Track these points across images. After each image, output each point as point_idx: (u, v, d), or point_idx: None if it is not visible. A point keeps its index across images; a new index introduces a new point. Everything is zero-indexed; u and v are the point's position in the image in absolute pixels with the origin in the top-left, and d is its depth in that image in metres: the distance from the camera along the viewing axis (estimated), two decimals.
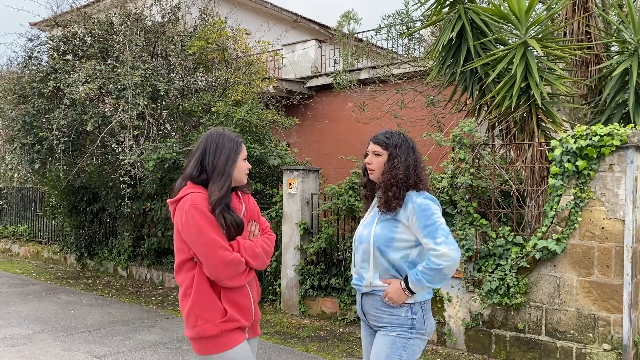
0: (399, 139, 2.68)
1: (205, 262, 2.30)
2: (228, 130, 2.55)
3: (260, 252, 2.47)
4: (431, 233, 2.49)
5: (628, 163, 4.60)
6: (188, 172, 2.44)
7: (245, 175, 2.52)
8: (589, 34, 6.13)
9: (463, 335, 5.51)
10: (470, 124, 5.59)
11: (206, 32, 8.09)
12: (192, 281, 2.36)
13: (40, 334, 5.93)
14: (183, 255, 2.38)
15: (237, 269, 2.34)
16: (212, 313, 2.34)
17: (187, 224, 2.30)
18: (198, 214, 2.29)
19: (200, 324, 2.34)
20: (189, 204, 2.31)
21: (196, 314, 2.34)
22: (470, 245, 5.37)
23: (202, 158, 2.44)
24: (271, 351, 5.49)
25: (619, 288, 4.61)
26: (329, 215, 7.00)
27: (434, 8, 5.99)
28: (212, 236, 2.29)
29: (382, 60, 9.70)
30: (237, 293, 2.41)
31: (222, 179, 2.39)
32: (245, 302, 2.44)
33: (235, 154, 2.45)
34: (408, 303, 2.57)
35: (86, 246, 10.42)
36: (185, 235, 2.33)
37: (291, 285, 7.10)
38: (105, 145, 8.28)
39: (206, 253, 2.29)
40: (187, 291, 2.38)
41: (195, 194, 2.35)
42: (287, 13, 16.43)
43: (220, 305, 2.35)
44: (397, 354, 2.54)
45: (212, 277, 2.33)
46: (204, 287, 2.34)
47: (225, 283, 2.34)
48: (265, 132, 8.06)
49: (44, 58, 8.16)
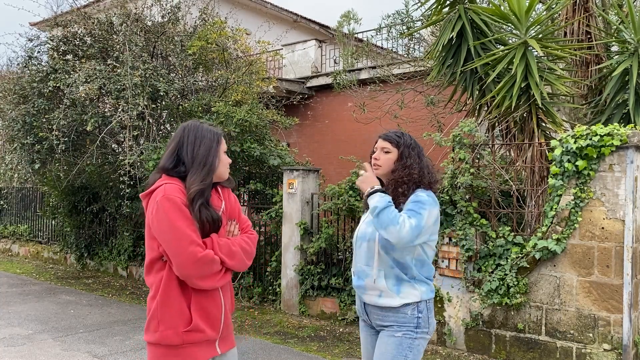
0: (410, 140, 2.71)
1: (174, 259, 2.09)
2: (206, 122, 2.39)
3: (238, 251, 2.25)
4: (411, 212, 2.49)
5: (628, 163, 4.60)
6: (161, 164, 2.27)
7: (227, 169, 2.35)
8: (589, 34, 6.13)
9: (463, 335, 5.51)
10: (470, 124, 5.59)
11: (206, 32, 8.08)
12: (160, 282, 2.16)
13: (40, 334, 5.93)
14: (153, 253, 2.18)
15: (209, 267, 2.13)
16: (175, 319, 2.14)
17: (158, 216, 2.11)
18: (170, 206, 2.10)
19: (162, 329, 2.14)
20: (160, 195, 2.12)
21: (158, 319, 2.15)
22: (470, 245, 5.37)
23: (179, 149, 2.26)
24: (271, 351, 5.49)
25: (619, 288, 4.61)
26: (329, 215, 7.00)
27: (434, 8, 5.99)
28: (184, 230, 2.08)
29: (382, 60, 9.70)
30: (209, 301, 2.20)
31: (203, 170, 2.22)
32: (216, 311, 2.22)
33: (217, 145, 2.30)
34: (414, 302, 2.56)
35: (86, 246, 10.43)
36: (155, 228, 2.12)
37: (291, 285, 7.10)
38: (105, 145, 8.28)
39: (176, 248, 2.08)
40: (155, 293, 2.17)
41: (169, 184, 2.17)
42: (287, 13, 16.43)
43: (187, 312, 2.15)
44: (403, 354, 2.53)
45: (181, 276, 2.12)
46: (172, 290, 2.15)
47: (196, 283, 2.13)
48: (265, 132, 8.06)
49: (44, 58, 8.16)
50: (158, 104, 7.64)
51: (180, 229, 2.09)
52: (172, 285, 2.15)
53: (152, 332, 2.17)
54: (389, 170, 2.67)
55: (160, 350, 2.17)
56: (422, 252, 2.60)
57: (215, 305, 2.22)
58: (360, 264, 2.67)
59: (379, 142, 2.73)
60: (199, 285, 2.14)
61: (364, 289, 2.65)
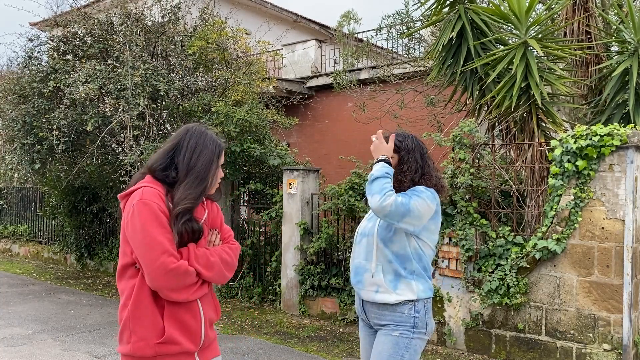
0: (412, 144, 2.73)
1: (145, 268, 1.95)
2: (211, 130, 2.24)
3: (217, 262, 2.09)
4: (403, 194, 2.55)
5: (628, 163, 4.60)
6: (150, 163, 2.12)
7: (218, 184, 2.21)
8: (589, 34, 6.13)
9: (463, 335, 5.51)
10: (470, 124, 5.59)
11: (206, 32, 8.09)
12: (132, 290, 2.02)
13: (40, 334, 5.93)
14: (125, 258, 2.04)
15: (182, 279, 1.98)
16: (148, 330, 2.00)
17: (132, 221, 1.97)
18: (146, 211, 1.96)
19: (134, 340, 2.01)
20: (137, 199, 1.98)
21: (130, 329, 2.02)
22: (470, 245, 5.37)
23: (175, 151, 2.11)
24: (271, 351, 5.49)
25: (619, 288, 4.61)
26: (329, 215, 7.00)
27: (434, 8, 5.99)
28: (157, 237, 1.94)
29: (382, 60, 9.70)
30: (185, 310, 2.05)
31: (198, 184, 2.07)
32: (194, 322, 2.07)
33: (217, 159, 2.16)
34: (411, 300, 2.57)
35: (86, 246, 10.43)
36: (129, 233, 1.99)
37: (291, 285, 7.10)
38: (105, 145, 8.28)
39: (147, 257, 1.94)
40: (126, 302, 2.04)
41: (148, 188, 2.02)
42: (287, 13, 16.42)
43: (160, 322, 2.01)
44: (400, 354, 2.53)
45: (152, 287, 1.98)
46: (145, 299, 2.01)
47: (168, 295, 1.99)
48: (265, 132, 8.06)
49: (44, 58, 8.15)
50: (158, 104, 7.64)
51: (153, 237, 1.95)
52: (144, 294, 2.01)
53: (124, 344, 2.06)
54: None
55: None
56: (418, 246, 2.61)
57: (192, 316, 2.07)
58: (359, 259, 2.70)
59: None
60: (171, 298, 2.00)
61: (362, 285, 2.65)
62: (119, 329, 2.09)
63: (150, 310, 2.01)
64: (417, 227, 2.56)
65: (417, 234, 2.59)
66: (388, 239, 2.59)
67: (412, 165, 2.67)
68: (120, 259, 2.09)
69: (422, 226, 2.59)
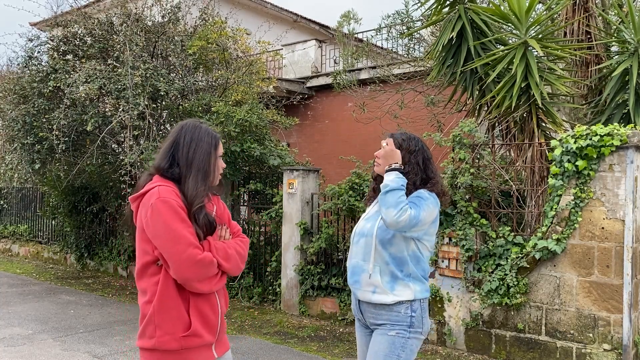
0: (415, 146, 2.70)
1: (173, 262, 2.03)
2: (206, 124, 2.32)
3: (234, 254, 2.21)
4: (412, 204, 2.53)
5: (628, 163, 4.60)
6: (156, 163, 2.21)
7: (220, 175, 2.30)
8: (589, 34, 6.13)
9: (463, 335, 5.51)
10: (470, 124, 5.59)
11: (206, 32, 8.09)
12: (156, 286, 2.09)
13: (40, 334, 5.93)
14: (146, 257, 2.11)
15: (208, 270, 2.08)
16: (174, 324, 2.07)
17: (153, 219, 2.04)
18: (166, 208, 2.04)
19: (159, 335, 2.07)
20: (155, 198, 2.06)
21: (156, 324, 2.08)
22: (470, 245, 5.37)
23: (174, 149, 2.20)
24: (271, 351, 5.49)
25: (619, 288, 4.61)
26: (329, 215, 7.00)
27: (434, 8, 5.99)
28: (182, 232, 2.03)
29: (382, 60, 9.70)
30: (206, 304, 2.15)
31: (200, 175, 2.16)
32: (213, 314, 2.17)
33: (215, 150, 2.24)
34: (408, 300, 2.56)
35: (86, 246, 10.42)
36: (151, 232, 2.05)
37: (291, 285, 7.10)
38: (106, 145, 8.28)
39: (174, 251, 2.02)
40: (150, 298, 2.11)
41: (164, 187, 2.10)
42: (287, 13, 16.42)
43: (186, 316, 2.09)
44: (396, 354, 2.53)
45: (180, 279, 2.05)
46: (170, 294, 2.08)
47: (195, 286, 2.07)
48: (265, 132, 8.06)
49: (44, 58, 8.16)
50: (158, 104, 7.64)
51: (178, 231, 2.03)
52: (170, 289, 2.08)
53: (147, 338, 2.11)
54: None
55: (156, 356, 2.11)
56: (417, 249, 2.61)
57: (212, 308, 2.17)
58: (357, 259, 2.68)
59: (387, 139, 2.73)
60: (197, 289, 2.08)
61: (359, 285, 2.65)
62: (142, 325, 2.14)
63: (176, 305, 2.08)
64: (420, 233, 2.58)
65: (419, 237, 2.60)
66: (387, 241, 2.58)
67: (414, 167, 2.65)
68: (139, 258, 2.15)
69: (424, 231, 2.60)
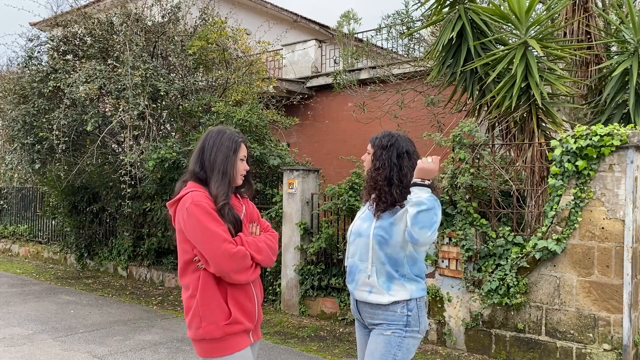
0: (388, 141, 2.66)
1: (210, 257, 2.26)
2: (230, 130, 2.54)
3: (264, 247, 2.44)
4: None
5: (628, 163, 4.60)
6: (190, 168, 2.46)
7: (240, 176, 2.50)
8: (589, 34, 6.13)
9: (463, 335, 5.51)
10: (470, 124, 5.59)
11: (206, 32, 8.09)
12: (197, 281, 2.33)
13: (40, 334, 5.93)
14: (186, 255, 2.36)
15: (243, 262, 2.31)
16: (216, 315, 2.31)
17: (190, 221, 2.28)
18: (199, 210, 2.27)
19: (204, 325, 2.31)
20: (189, 202, 2.30)
21: (200, 315, 2.32)
22: (470, 245, 5.37)
23: (202, 154, 2.45)
24: (271, 351, 5.49)
25: (619, 288, 4.61)
26: (329, 215, 7.00)
27: (434, 8, 5.99)
28: (216, 230, 2.26)
29: (382, 60, 9.69)
30: (243, 294, 2.38)
31: (221, 177, 2.39)
32: (250, 303, 2.41)
33: (234, 154, 2.45)
34: (404, 299, 2.57)
35: (86, 246, 10.42)
36: (189, 232, 2.30)
37: (291, 285, 7.10)
38: (106, 145, 8.29)
39: (210, 247, 2.25)
40: (193, 292, 2.35)
41: (195, 192, 2.34)
42: (287, 13, 16.42)
43: (226, 306, 2.33)
44: (392, 353, 2.53)
45: (218, 273, 2.29)
46: (210, 287, 2.32)
47: (232, 278, 2.30)
48: (265, 132, 8.06)
49: (44, 58, 8.16)
50: (158, 104, 7.65)
51: (212, 230, 2.25)
52: (210, 283, 2.32)
53: (194, 329, 2.34)
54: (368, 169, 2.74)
55: (204, 345, 2.34)
56: (414, 250, 2.60)
57: (248, 298, 2.40)
58: (354, 259, 2.69)
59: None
60: (235, 280, 2.31)
61: (356, 284, 2.66)
62: (189, 318, 2.36)
63: (216, 297, 2.32)
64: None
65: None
66: (384, 242, 2.58)
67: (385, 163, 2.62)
68: (181, 257, 2.39)
69: None
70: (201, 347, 2.36)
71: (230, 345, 2.34)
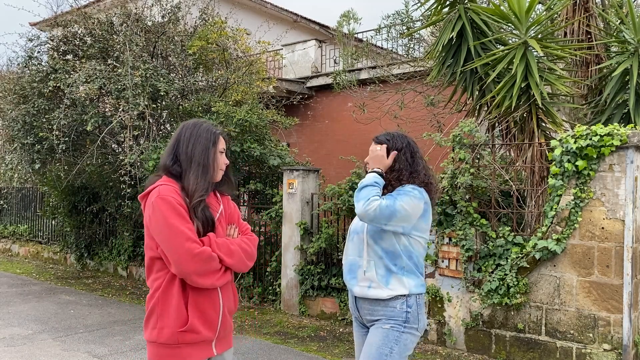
0: (401, 143, 2.73)
1: (171, 256, 2.10)
2: (207, 122, 2.39)
3: (237, 250, 2.25)
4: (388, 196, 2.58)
5: (628, 163, 4.60)
6: (161, 162, 2.31)
7: (221, 170, 2.34)
8: (589, 34, 6.13)
9: (463, 335, 5.51)
10: (470, 124, 5.59)
11: (206, 32, 8.09)
12: (161, 281, 2.18)
13: (40, 334, 5.93)
14: (151, 252, 2.21)
15: (207, 264, 2.13)
16: (173, 319, 2.14)
17: (154, 216, 2.14)
18: (164, 205, 2.12)
19: (159, 327, 2.16)
20: (155, 196, 2.16)
21: (157, 316, 2.17)
22: (470, 245, 5.37)
23: (176, 147, 2.29)
24: (271, 351, 5.49)
25: (619, 288, 4.61)
26: (329, 215, 7.00)
27: (434, 8, 5.99)
28: (179, 227, 2.10)
29: (382, 60, 9.69)
30: (207, 300, 2.20)
31: (200, 170, 2.23)
32: (213, 312, 2.22)
33: (213, 146, 2.29)
34: (403, 295, 2.59)
35: (86, 246, 10.43)
36: (152, 228, 2.15)
37: (291, 285, 7.10)
38: (106, 145, 8.28)
39: (172, 245, 2.09)
40: (154, 292, 2.19)
41: (164, 186, 2.19)
42: (287, 13, 16.42)
43: (185, 312, 2.15)
44: (389, 346, 2.55)
45: (180, 274, 2.12)
46: (172, 289, 2.16)
47: (194, 280, 2.12)
48: (265, 132, 8.06)
49: (44, 58, 8.16)
50: (158, 104, 7.65)
51: (176, 227, 2.10)
52: (172, 285, 2.16)
53: (149, 330, 2.19)
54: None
55: (154, 349, 2.19)
56: (408, 244, 2.63)
57: (212, 305, 2.22)
58: (353, 256, 2.72)
59: (372, 145, 2.79)
60: (198, 283, 2.13)
61: (356, 281, 2.68)
62: (146, 316, 2.22)
63: (177, 300, 2.15)
64: (407, 228, 2.60)
65: (408, 232, 2.62)
66: (377, 235, 2.62)
67: (404, 163, 2.69)
68: (146, 254, 2.25)
69: (412, 226, 2.61)
70: (151, 351, 2.20)
71: (181, 355, 2.16)
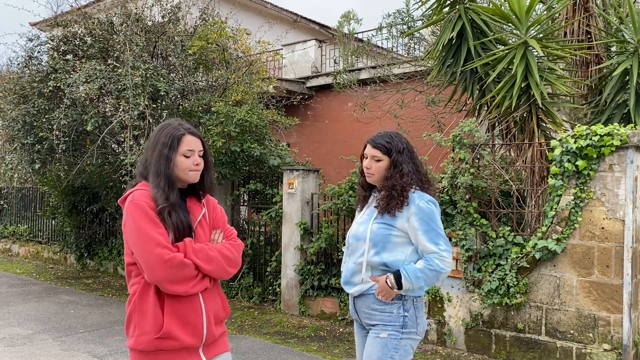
0: (400, 144, 2.63)
1: (142, 262, 2.05)
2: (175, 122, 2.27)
3: (216, 256, 2.16)
4: (433, 238, 2.51)
5: (628, 163, 4.60)
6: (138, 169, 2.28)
7: (190, 172, 2.21)
8: (589, 33, 6.13)
9: (463, 335, 5.51)
10: (470, 124, 5.59)
11: (206, 32, 8.08)
12: (137, 287, 2.12)
13: (40, 334, 5.93)
14: (128, 258, 2.16)
15: (180, 271, 2.05)
16: (149, 325, 2.07)
17: (127, 221, 2.10)
18: (136, 210, 2.08)
19: (137, 334, 2.09)
20: (129, 201, 2.12)
21: (135, 323, 2.11)
22: (470, 245, 5.37)
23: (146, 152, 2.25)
24: (271, 351, 5.49)
25: (619, 288, 4.61)
26: (329, 215, 7.00)
27: (435, 8, 5.99)
28: (150, 232, 2.04)
29: (383, 60, 9.69)
30: (187, 306, 2.11)
31: (157, 178, 2.15)
32: (194, 318, 2.12)
33: (170, 151, 2.17)
34: (400, 299, 2.55)
35: (86, 246, 10.43)
36: (126, 233, 2.11)
37: (291, 285, 7.10)
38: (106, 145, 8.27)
39: (142, 251, 2.03)
40: (131, 297, 2.13)
41: (138, 191, 2.15)
42: (287, 13, 16.42)
43: (160, 317, 2.07)
44: (389, 355, 2.51)
45: (151, 281, 2.05)
46: (148, 295, 2.09)
47: (167, 287, 2.05)
48: (265, 132, 8.05)
49: (44, 58, 8.15)
50: (158, 104, 7.64)
51: (146, 232, 2.04)
52: (148, 290, 2.10)
53: (129, 337, 2.14)
54: (383, 177, 2.64)
55: (135, 356, 2.13)
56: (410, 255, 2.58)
57: (193, 312, 2.12)
58: (351, 262, 2.68)
59: (368, 148, 2.66)
60: (170, 290, 2.06)
61: (352, 285, 2.66)
62: (125, 324, 2.18)
63: (152, 306, 2.08)
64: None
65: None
66: (382, 246, 2.56)
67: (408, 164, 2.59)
68: (125, 260, 2.20)
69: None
70: (132, 358, 2.15)
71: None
